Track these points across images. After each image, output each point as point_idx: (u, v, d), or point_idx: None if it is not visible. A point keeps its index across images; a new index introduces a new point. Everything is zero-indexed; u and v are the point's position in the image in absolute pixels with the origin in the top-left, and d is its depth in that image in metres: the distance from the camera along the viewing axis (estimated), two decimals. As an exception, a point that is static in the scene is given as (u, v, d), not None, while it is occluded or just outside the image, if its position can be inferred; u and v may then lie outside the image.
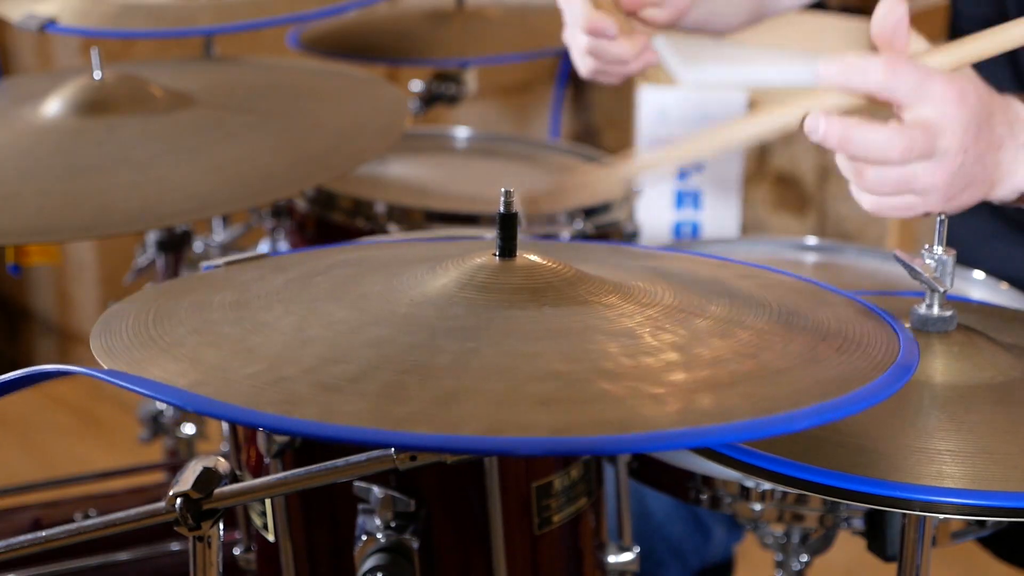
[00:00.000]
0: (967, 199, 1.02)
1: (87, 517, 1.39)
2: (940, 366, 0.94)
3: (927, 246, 0.96)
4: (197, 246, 1.63)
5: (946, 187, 1.00)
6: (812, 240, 1.53)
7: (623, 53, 1.34)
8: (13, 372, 0.81)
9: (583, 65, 1.38)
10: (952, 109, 0.97)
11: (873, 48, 1.06)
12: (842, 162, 1.02)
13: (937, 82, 0.97)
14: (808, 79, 1.03)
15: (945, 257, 0.95)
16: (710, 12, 1.48)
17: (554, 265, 0.88)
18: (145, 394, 0.76)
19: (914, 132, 0.97)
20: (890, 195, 1.01)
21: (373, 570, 0.93)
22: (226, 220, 1.72)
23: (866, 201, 1.03)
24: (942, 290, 0.96)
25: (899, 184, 1.00)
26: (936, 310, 0.96)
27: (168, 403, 0.80)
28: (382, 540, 0.94)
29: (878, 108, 1.01)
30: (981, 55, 1.04)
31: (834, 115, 0.99)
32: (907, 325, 0.97)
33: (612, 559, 1.08)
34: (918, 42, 1.05)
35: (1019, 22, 1.04)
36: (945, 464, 0.84)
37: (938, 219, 0.96)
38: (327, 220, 1.56)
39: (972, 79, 1.00)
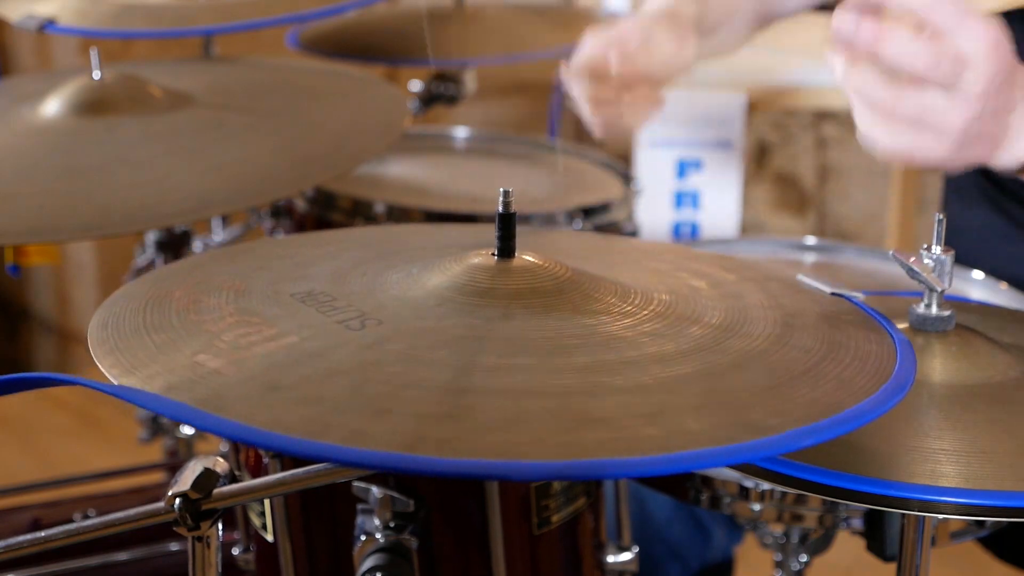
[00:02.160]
0: (973, 154, 1.01)
1: (86, 517, 1.39)
2: (938, 366, 0.94)
3: (925, 246, 0.96)
4: (197, 246, 1.63)
5: (961, 131, 0.98)
6: (811, 240, 1.53)
7: (624, 113, 1.37)
8: (11, 375, 0.81)
9: (595, 132, 1.41)
10: (986, 50, 0.96)
11: None
12: (854, 86, 0.99)
13: (978, 21, 0.96)
14: (808, 81, 1.02)
15: (943, 257, 0.95)
16: (713, 49, 1.50)
17: (552, 267, 0.88)
18: (151, 409, 0.76)
19: (945, 52, 0.96)
20: (904, 127, 0.99)
21: (372, 570, 0.93)
22: (225, 220, 1.72)
23: (880, 133, 1.00)
24: (940, 290, 0.96)
25: (917, 111, 0.98)
26: (934, 310, 0.96)
27: (171, 418, 0.80)
28: (381, 540, 0.94)
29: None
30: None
31: (869, 13, 0.96)
32: (905, 325, 0.97)
33: (611, 559, 1.08)
34: None
35: None
36: (941, 463, 0.84)
37: (936, 218, 0.96)
38: (326, 220, 1.57)
39: (1007, 35, 0.99)
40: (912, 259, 0.95)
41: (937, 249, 0.96)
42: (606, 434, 0.72)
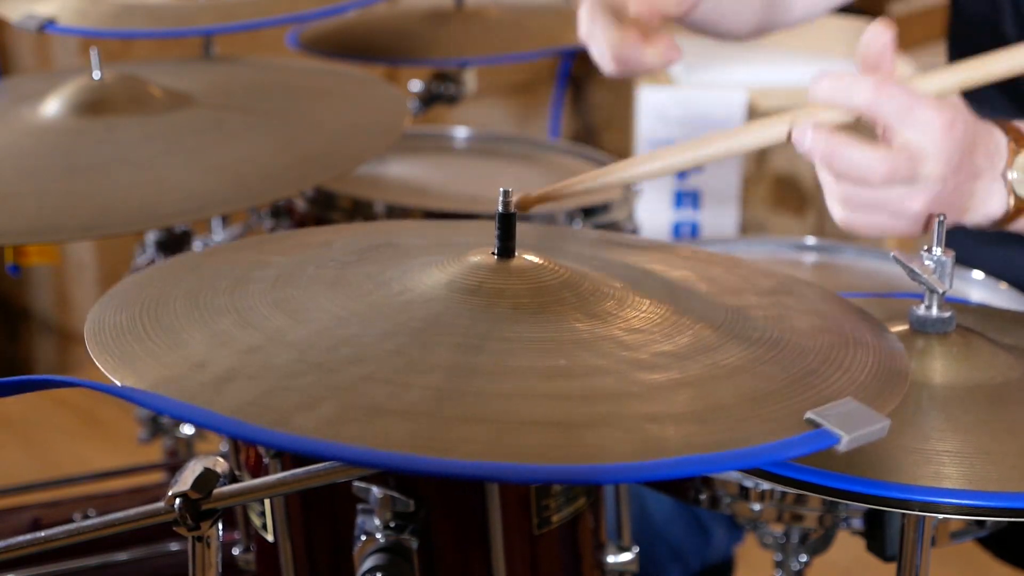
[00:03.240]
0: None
1: (86, 517, 1.39)
2: (939, 367, 0.94)
3: (926, 247, 0.96)
4: (197, 246, 1.63)
5: (923, 213, 1.00)
6: (811, 240, 1.53)
7: (647, 60, 1.35)
8: (14, 378, 0.81)
9: (607, 69, 1.39)
10: (939, 137, 0.98)
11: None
12: (822, 173, 1.03)
13: (925, 108, 0.98)
14: (808, 81, 1.04)
15: (944, 258, 0.95)
16: (718, 8, 1.49)
17: (552, 267, 0.88)
18: (152, 408, 0.76)
19: (899, 157, 0.98)
20: (864, 213, 1.01)
21: (372, 570, 0.93)
22: (225, 220, 1.72)
23: (838, 214, 1.03)
24: (941, 291, 0.96)
25: (875, 204, 1.00)
26: (935, 311, 0.96)
27: (172, 416, 0.80)
28: (381, 540, 0.94)
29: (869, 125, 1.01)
30: (972, 83, 1.04)
31: (822, 129, 0.99)
32: (905, 327, 0.97)
33: (611, 559, 1.08)
34: (904, 68, 1.05)
35: (1012, 51, 1.04)
36: (943, 465, 0.84)
37: (937, 220, 0.96)
38: (326, 220, 1.56)
39: (960, 108, 1.00)
40: (913, 261, 0.95)
41: (938, 250, 0.96)
42: (603, 436, 0.72)
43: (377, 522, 0.95)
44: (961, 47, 1.47)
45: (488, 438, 0.71)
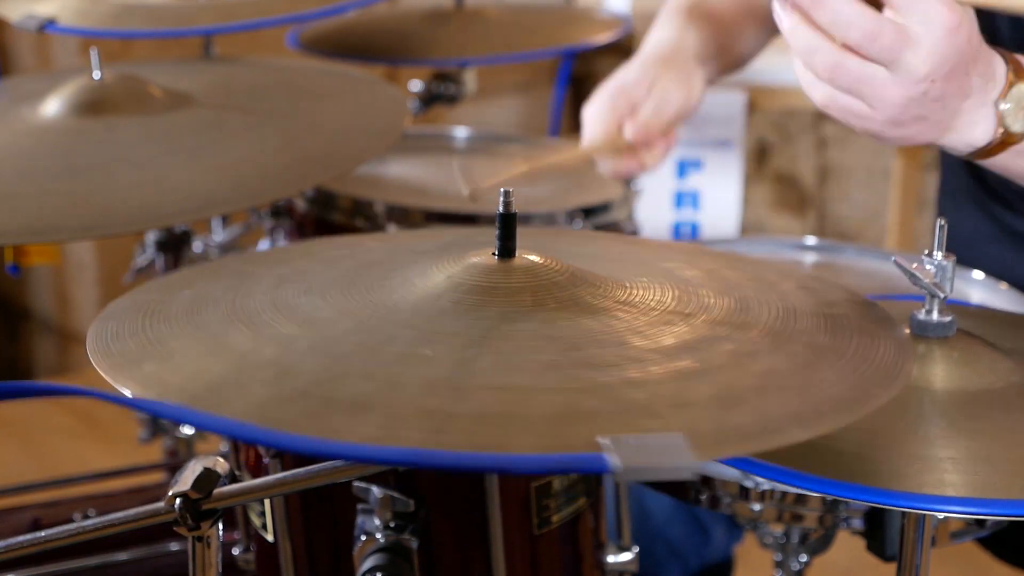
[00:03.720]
0: (915, 133, 1.00)
1: (86, 517, 1.39)
2: (940, 372, 0.93)
3: (927, 251, 0.96)
4: (196, 246, 1.63)
5: (898, 108, 0.97)
6: (811, 240, 1.53)
7: (647, 167, 1.39)
8: (13, 383, 0.81)
9: (613, 177, 1.43)
10: (938, 34, 0.95)
11: None
12: (802, 48, 0.98)
13: (938, 2, 0.95)
14: None
15: (945, 263, 0.95)
16: (728, 71, 1.51)
17: (553, 266, 0.88)
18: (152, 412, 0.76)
19: (887, 25, 0.94)
20: (841, 89, 0.97)
21: (372, 570, 0.93)
22: (225, 220, 1.72)
23: (818, 92, 0.99)
24: (942, 296, 0.96)
25: (853, 78, 0.96)
26: (936, 316, 0.96)
27: (174, 420, 0.80)
28: (381, 540, 0.94)
29: None
30: (989, 4, 1.02)
31: None
32: (906, 331, 0.97)
33: (611, 559, 1.08)
34: None
35: None
36: (947, 472, 0.83)
37: (937, 224, 0.96)
38: (326, 220, 1.56)
39: (970, 19, 0.97)
40: (914, 265, 0.95)
41: (939, 255, 0.95)
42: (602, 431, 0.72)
43: (377, 522, 0.95)
44: None
45: (489, 435, 0.71)
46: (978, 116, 1.01)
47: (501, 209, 0.87)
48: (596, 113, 1.40)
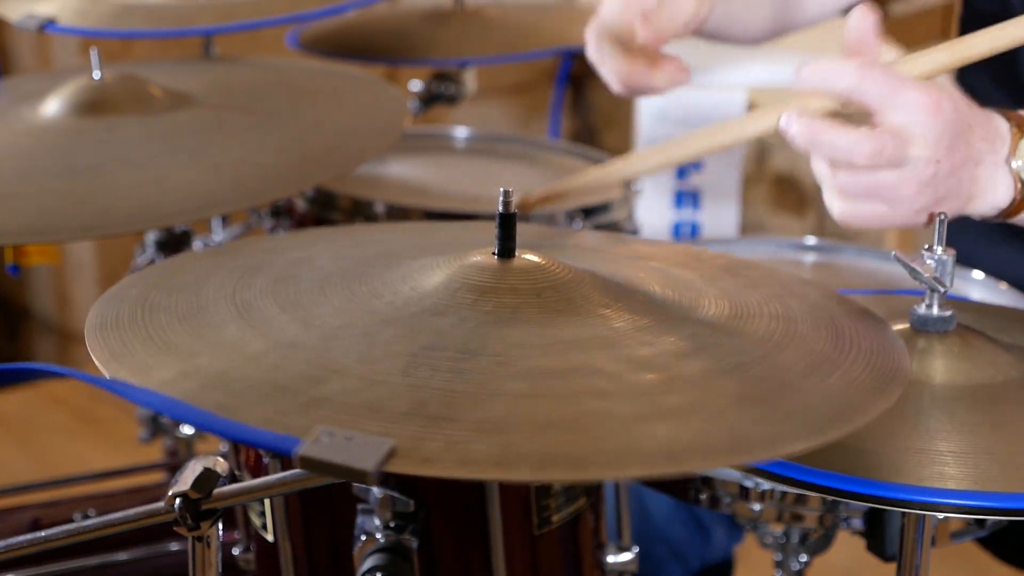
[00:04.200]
0: (942, 211, 1.01)
1: (86, 517, 1.39)
2: (940, 366, 0.94)
3: (927, 246, 0.96)
4: (196, 246, 1.63)
5: (915, 197, 0.99)
6: (811, 240, 1.53)
7: (656, 84, 1.36)
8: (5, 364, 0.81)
9: (616, 91, 1.40)
10: (925, 117, 0.97)
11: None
12: (815, 165, 1.03)
13: (910, 89, 0.97)
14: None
15: (945, 257, 0.95)
16: (729, 15, 1.49)
17: (553, 267, 0.88)
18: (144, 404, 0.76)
19: (883, 137, 0.97)
20: (859, 201, 1.00)
21: (372, 570, 0.93)
22: (225, 220, 1.72)
23: (836, 208, 1.03)
24: (942, 290, 0.96)
25: (868, 190, 0.99)
26: (936, 310, 0.96)
27: (167, 415, 0.81)
28: (381, 540, 0.94)
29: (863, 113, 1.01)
30: (956, 63, 1.04)
31: (805, 115, 0.99)
32: (906, 325, 0.97)
33: (611, 559, 1.08)
34: (888, 52, 1.05)
35: (992, 30, 1.03)
36: (947, 465, 0.84)
37: (938, 218, 0.96)
38: (326, 220, 1.56)
39: (948, 90, 1.00)
40: (914, 260, 0.95)
41: (939, 249, 0.95)
42: (602, 434, 0.72)
43: (377, 522, 0.95)
44: None
45: (491, 439, 0.71)
46: (996, 179, 1.02)
47: (501, 209, 0.87)
48: (609, 12, 1.38)
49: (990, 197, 1.03)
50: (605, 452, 0.71)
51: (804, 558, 1.18)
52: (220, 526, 0.82)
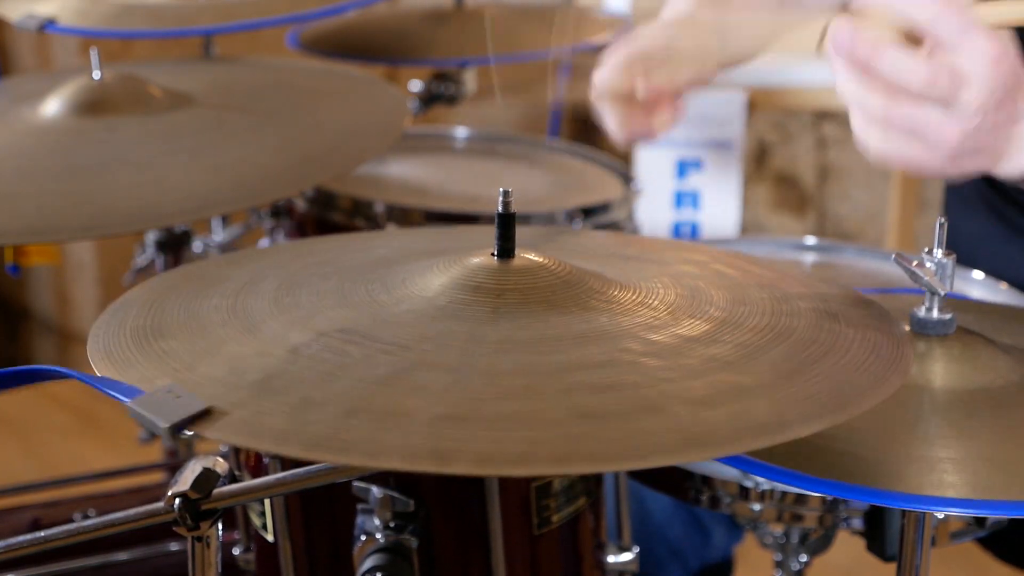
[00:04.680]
0: (972, 165, 1.00)
1: (86, 517, 1.39)
2: (940, 370, 0.93)
3: (927, 249, 0.96)
4: (196, 246, 1.63)
5: (955, 144, 0.97)
6: (811, 240, 1.53)
7: (655, 130, 1.37)
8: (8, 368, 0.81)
9: (618, 140, 1.41)
10: (986, 67, 0.95)
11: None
12: (850, 90, 0.98)
13: (981, 36, 0.95)
14: (808, 81, 1.02)
15: (945, 260, 0.95)
16: (738, 50, 1.50)
17: (553, 266, 0.88)
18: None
19: (942, 71, 0.95)
20: (898, 136, 0.98)
21: (372, 570, 0.93)
22: (225, 220, 1.72)
23: (873, 139, 0.99)
24: (942, 293, 0.96)
25: (910, 124, 0.97)
26: (935, 313, 0.96)
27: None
28: (381, 540, 0.94)
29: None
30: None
31: (863, 28, 0.95)
32: (906, 328, 0.97)
33: (611, 559, 1.08)
34: None
35: None
36: (946, 473, 0.83)
37: (938, 222, 0.96)
38: (326, 220, 1.56)
39: (1011, 45, 0.98)
40: (914, 263, 0.95)
41: (939, 252, 0.95)
42: (604, 430, 0.72)
43: (377, 522, 0.95)
44: None
45: (491, 438, 0.71)
46: None
47: (500, 209, 0.87)
48: (610, 69, 1.39)
49: (1020, 158, 1.01)
50: (618, 443, 0.71)
51: (804, 558, 1.18)
52: (220, 526, 0.82)
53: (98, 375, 0.80)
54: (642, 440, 0.71)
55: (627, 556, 1.08)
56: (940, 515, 0.88)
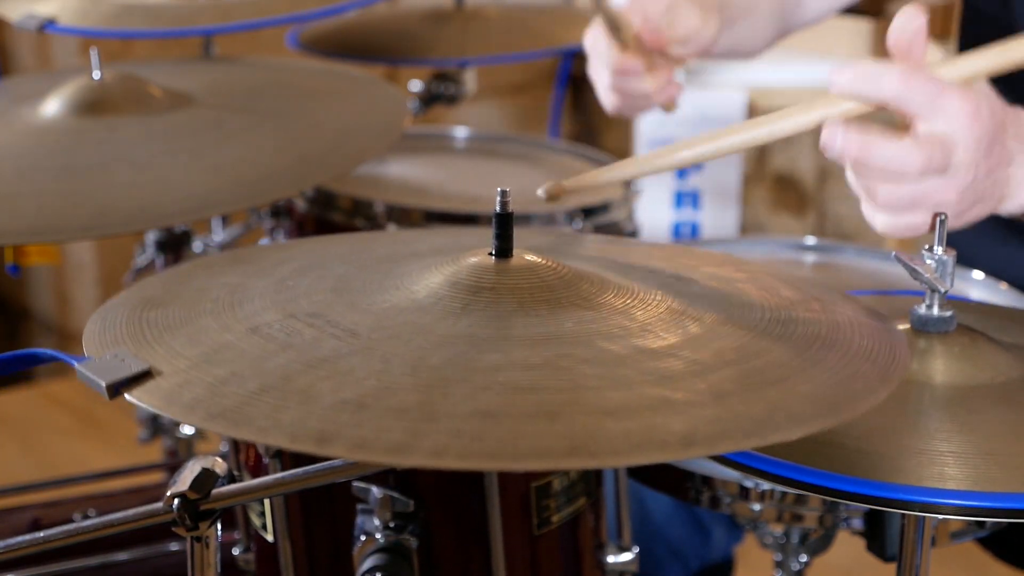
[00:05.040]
0: (976, 214, 1.01)
1: (86, 517, 1.39)
2: (940, 367, 0.93)
3: (927, 246, 0.96)
4: (196, 246, 1.63)
5: (957, 203, 0.98)
6: (811, 240, 1.53)
7: (648, 89, 1.36)
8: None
9: (608, 101, 1.40)
10: (966, 124, 0.96)
11: (878, 49, 1.06)
12: (853, 180, 1.00)
13: (952, 96, 0.95)
14: (808, 81, 1.03)
15: (945, 257, 0.95)
16: (735, 42, 1.50)
17: (551, 265, 0.88)
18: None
19: (932, 147, 0.95)
20: (903, 212, 0.99)
21: (372, 570, 0.93)
22: (225, 220, 1.72)
23: (880, 221, 1.01)
24: (943, 290, 0.96)
25: (913, 200, 0.98)
26: (936, 310, 0.96)
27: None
28: (381, 540, 0.94)
29: (886, 114, 1.00)
30: (997, 70, 1.03)
31: (852, 128, 0.96)
32: (907, 326, 0.97)
33: (611, 559, 1.08)
34: (934, 53, 1.03)
35: None
36: (947, 466, 0.84)
37: (938, 219, 0.96)
38: (326, 220, 1.56)
39: (986, 94, 0.99)
40: (914, 259, 0.95)
41: (939, 249, 0.95)
42: (492, 429, 0.72)
43: (377, 522, 0.95)
44: (971, 44, 1.48)
45: (493, 435, 0.71)
46: None
47: (498, 209, 0.87)
48: (613, 5, 1.38)
49: (1020, 195, 1.02)
50: (614, 440, 0.71)
51: (804, 558, 1.18)
52: (219, 526, 0.82)
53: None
54: (523, 443, 0.71)
55: (627, 556, 1.08)
56: (939, 517, 0.88)
